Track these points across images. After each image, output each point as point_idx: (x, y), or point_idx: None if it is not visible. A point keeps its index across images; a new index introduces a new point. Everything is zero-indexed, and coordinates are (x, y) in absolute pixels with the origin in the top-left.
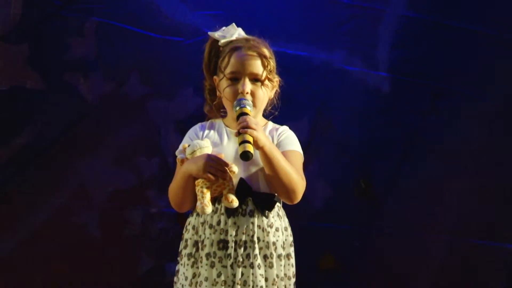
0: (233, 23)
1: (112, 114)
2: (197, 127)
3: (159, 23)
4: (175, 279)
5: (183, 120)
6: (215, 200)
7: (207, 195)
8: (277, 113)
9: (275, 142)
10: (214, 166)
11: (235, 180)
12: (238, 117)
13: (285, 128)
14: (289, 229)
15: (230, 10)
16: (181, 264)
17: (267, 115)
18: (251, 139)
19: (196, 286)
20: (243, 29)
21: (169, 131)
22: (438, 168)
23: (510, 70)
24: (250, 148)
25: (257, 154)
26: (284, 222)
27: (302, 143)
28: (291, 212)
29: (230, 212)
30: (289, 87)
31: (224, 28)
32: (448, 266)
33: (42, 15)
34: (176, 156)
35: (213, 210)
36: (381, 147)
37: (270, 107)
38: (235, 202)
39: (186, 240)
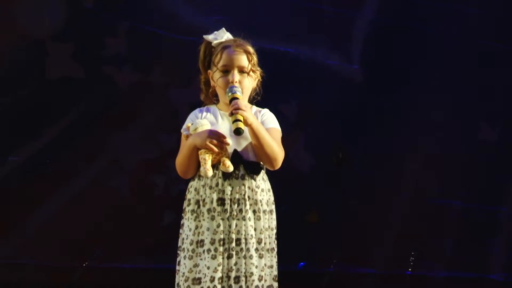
0: (223, 28)
1: (139, 99)
2: (196, 111)
3: (177, 26)
4: (181, 231)
5: (196, 103)
6: (213, 167)
7: (209, 162)
8: (259, 98)
9: (259, 121)
10: (215, 138)
11: (230, 151)
12: (230, 101)
13: (266, 110)
14: (271, 190)
15: (234, 16)
16: (186, 219)
17: (250, 100)
18: (242, 118)
19: (198, 235)
20: (244, 31)
21: (185, 112)
22: (401, 142)
23: (457, 64)
24: (241, 125)
25: (246, 131)
26: (268, 184)
27: (291, 122)
28: (285, 177)
29: (226, 176)
30: (281, 77)
31: (215, 32)
32: (409, 220)
33: (84, 19)
34: (181, 133)
35: (212, 174)
36: (355, 125)
37: (254, 93)
38: (231, 168)
39: (189, 200)
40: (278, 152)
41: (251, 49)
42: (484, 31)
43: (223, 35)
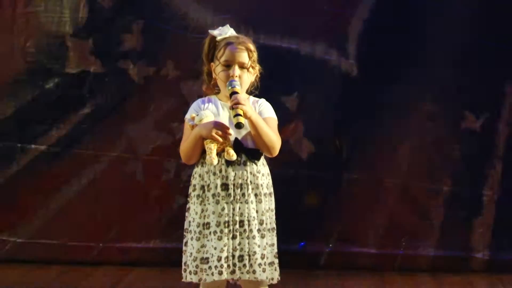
0: (227, 25)
1: (153, 91)
2: (199, 101)
3: (187, 24)
4: (187, 214)
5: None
6: (217, 155)
7: (214, 151)
8: (257, 92)
9: (257, 111)
10: (220, 129)
11: (231, 140)
12: (231, 95)
13: (263, 100)
14: (270, 175)
15: (239, 15)
16: (192, 203)
17: (248, 93)
18: (241, 112)
19: (204, 218)
20: (248, 28)
21: None
22: (393, 130)
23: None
24: (242, 119)
25: (245, 122)
26: (267, 169)
27: (292, 112)
28: (286, 162)
29: (229, 163)
30: (283, 71)
31: (220, 27)
32: (400, 202)
33: (103, 18)
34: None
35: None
36: (351, 114)
37: (252, 88)
38: (235, 156)
39: (194, 185)
40: (275, 141)
41: (252, 47)
42: (470, 29)
43: (227, 31)
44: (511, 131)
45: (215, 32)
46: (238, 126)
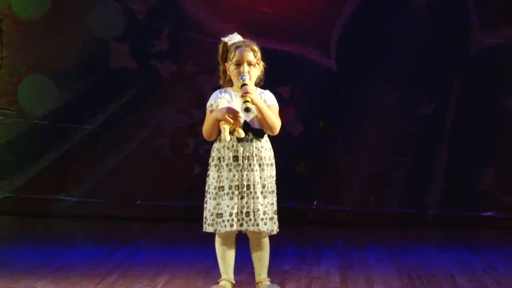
0: (235, 32)
1: (177, 83)
2: (217, 92)
3: (204, 30)
4: (207, 179)
5: (217, 86)
6: (230, 133)
7: (227, 130)
8: (262, 83)
9: (262, 99)
10: (231, 113)
11: (241, 122)
12: (241, 86)
13: (267, 91)
14: (272, 149)
15: (244, 24)
16: (211, 171)
17: (255, 84)
18: (249, 99)
19: (220, 182)
20: (251, 34)
21: (210, 93)
22: (366, 114)
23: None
24: (249, 105)
25: (252, 108)
26: (269, 145)
27: (286, 100)
28: (282, 139)
29: (239, 140)
30: (279, 68)
31: (230, 35)
32: (371, 173)
33: (137, 26)
34: (206, 109)
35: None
36: (332, 102)
37: (258, 80)
38: (243, 134)
39: (213, 157)
40: (276, 123)
41: (256, 48)
42: (428, 31)
43: (235, 37)
44: (457, 115)
45: (226, 39)
46: (246, 110)
